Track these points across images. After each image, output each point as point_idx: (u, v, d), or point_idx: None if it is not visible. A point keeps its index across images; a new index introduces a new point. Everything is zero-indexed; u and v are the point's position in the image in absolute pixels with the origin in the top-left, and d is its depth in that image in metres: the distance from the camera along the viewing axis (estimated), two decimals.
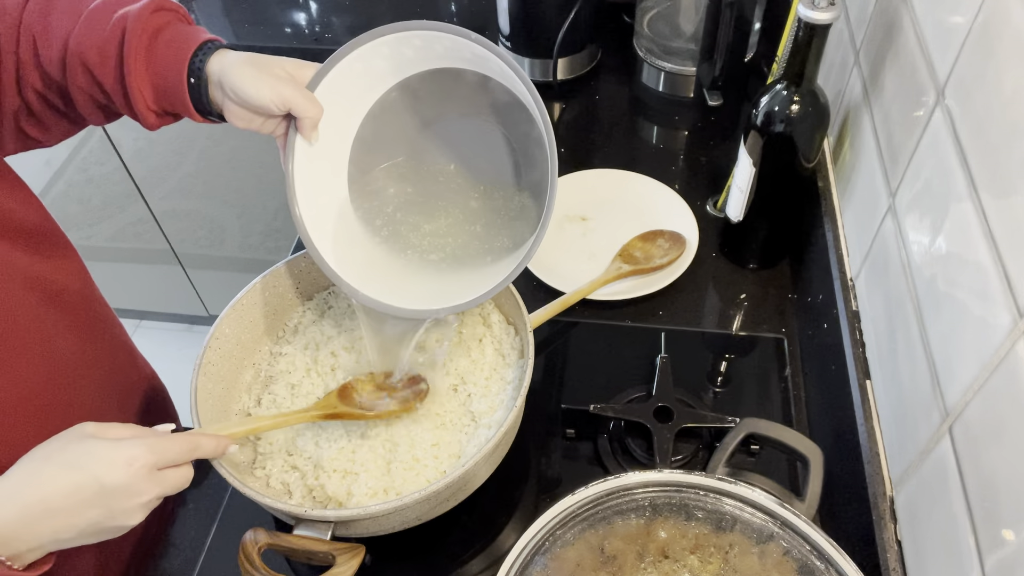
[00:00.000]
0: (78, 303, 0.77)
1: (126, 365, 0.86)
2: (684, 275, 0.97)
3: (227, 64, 0.67)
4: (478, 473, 0.72)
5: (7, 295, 0.67)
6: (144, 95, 0.68)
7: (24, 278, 0.70)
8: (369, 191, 0.79)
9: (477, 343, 0.82)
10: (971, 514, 0.52)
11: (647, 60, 1.24)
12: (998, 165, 0.53)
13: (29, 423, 0.68)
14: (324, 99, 0.70)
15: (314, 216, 0.75)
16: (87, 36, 0.67)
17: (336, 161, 0.77)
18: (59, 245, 0.77)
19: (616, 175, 1.10)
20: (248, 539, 0.65)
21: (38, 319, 0.71)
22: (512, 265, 0.70)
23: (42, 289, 0.72)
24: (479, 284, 0.72)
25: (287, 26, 1.44)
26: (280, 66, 0.69)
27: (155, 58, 0.68)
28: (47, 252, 0.74)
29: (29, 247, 0.71)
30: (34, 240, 0.72)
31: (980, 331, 0.53)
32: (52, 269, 0.74)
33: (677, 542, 0.62)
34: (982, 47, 0.56)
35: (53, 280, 0.73)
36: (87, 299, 0.80)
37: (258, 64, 0.68)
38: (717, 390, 0.88)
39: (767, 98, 0.84)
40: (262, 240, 1.85)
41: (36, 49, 0.68)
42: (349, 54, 0.69)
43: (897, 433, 0.67)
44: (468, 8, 1.46)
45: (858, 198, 0.84)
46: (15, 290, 0.68)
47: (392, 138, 0.78)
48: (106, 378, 0.80)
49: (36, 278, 0.71)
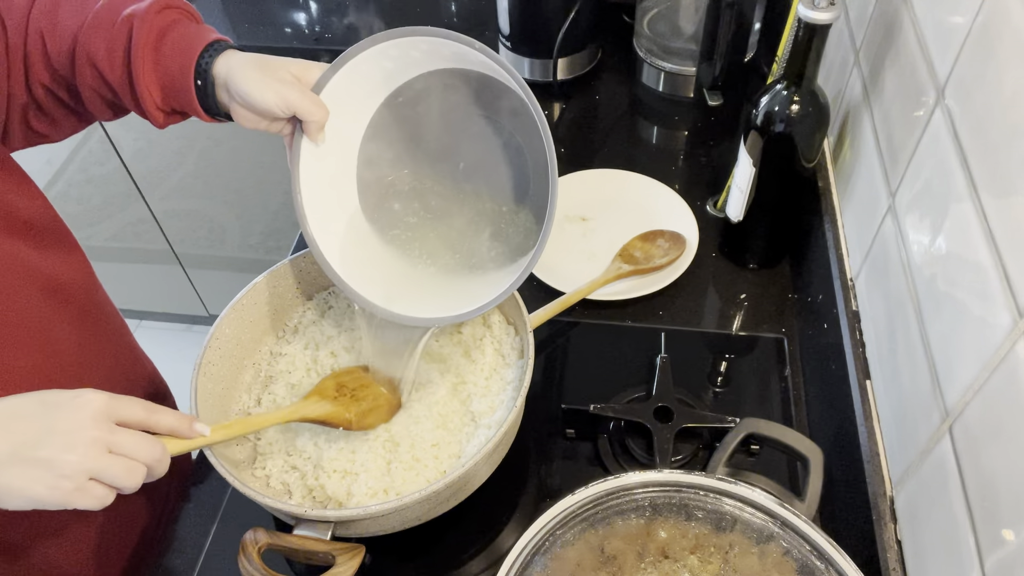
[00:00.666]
0: (82, 298, 0.77)
1: (129, 361, 0.86)
2: (684, 275, 0.97)
3: (233, 66, 0.67)
4: (478, 473, 0.72)
5: (11, 288, 0.67)
6: (152, 95, 0.69)
7: (28, 272, 0.70)
8: (376, 194, 0.79)
9: (477, 343, 0.82)
10: (971, 514, 0.52)
11: (647, 60, 1.24)
12: (998, 165, 0.53)
13: None
14: (331, 101, 0.70)
15: (320, 217, 0.75)
16: (95, 35, 0.67)
17: (343, 162, 0.77)
18: (64, 241, 0.77)
19: (616, 175, 1.10)
20: (248, 539, 0.65)
21: (41, 313, 0.70)
22: (515, 274, 0.70)
23: (46, 283, 0.71)
24: (482, 292, 0.72)
25: (287, 26, 1.45)
26: (286, 68, 0.69)
27: (162, 59, 0.68)
28: (52, 247, 0.74)
29: (34, 242, 0.71)
30: (39, 235, 0.72)
31: (980, 331, 0.53)
32: (56, 264, 0.74)
33: (677, 542, 0.62)
34: (982, 47, 0.56)
35: (57, 275, 0.73)
36: (90, 294, 0.79)
37: (263, 67, 0.68)
38: (717, 390, 0.88)
39: (767, 98, 0.84)
40: (262, 240, 1.85)
41: (44, 45, 0.68)
42: (356, 56, 0.69)
43: (897, 433, 0.67)
44: (468, 8, 1.46)
45: (858, 198, 0.84)
46: (19, 283, 0.68)
47: (399, 142, 0.78)
48: (108, 373, 0.80)
49: (40, 272, 0.71)
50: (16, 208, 0.70)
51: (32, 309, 0.69)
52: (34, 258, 0.71)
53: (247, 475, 0.75)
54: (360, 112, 0.75)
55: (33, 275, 0.70)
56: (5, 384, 0.66)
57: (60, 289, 0.73)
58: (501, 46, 1.28)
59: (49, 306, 0.71)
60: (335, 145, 0.74)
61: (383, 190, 0.79)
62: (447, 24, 1.43)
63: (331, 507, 0.71)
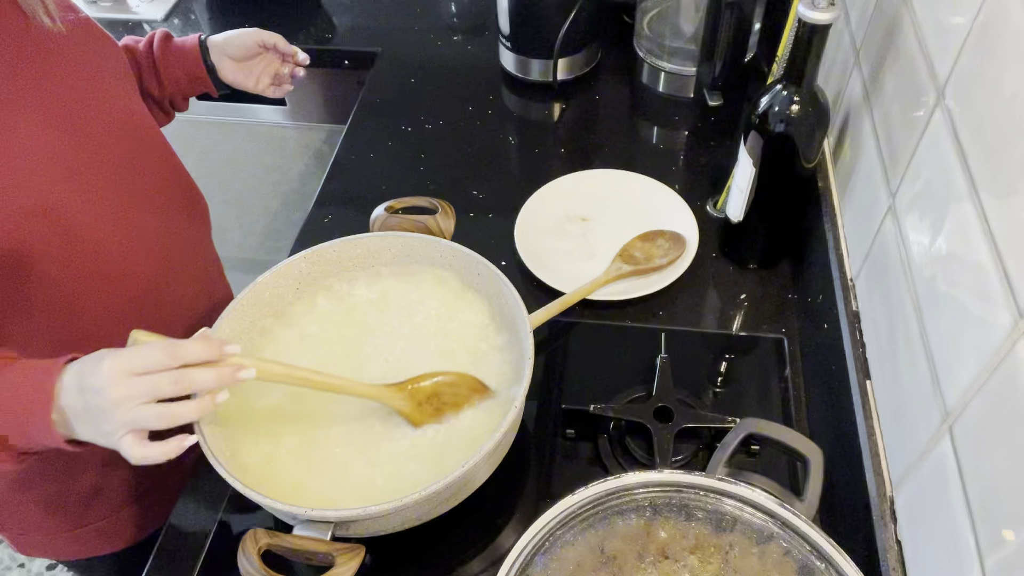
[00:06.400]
0: (199, 226, 0.94)
1: (219, 281, 1.01)
2: (684, 275, 0.97)
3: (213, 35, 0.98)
4: (478, 473, 0.72)
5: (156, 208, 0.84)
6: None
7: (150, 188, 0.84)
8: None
9: (477, 343, 0.82)
10: (971, 514, 0.52)
11: (647, 60, 1.24)
12: (998, 165, 0.53)
13: (142, 314, 0.80)
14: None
15: None
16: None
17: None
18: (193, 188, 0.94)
19: (616, 175, 1.10)
20: (248, 539, 0.65)
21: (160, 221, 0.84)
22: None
23: (168, 200, 0.87)
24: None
25: (287, 26, 1.44)
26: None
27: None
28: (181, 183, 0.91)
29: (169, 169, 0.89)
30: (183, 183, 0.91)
31: (980, 331, 0.53)
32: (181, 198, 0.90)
33: (677, 542, 0.62)
34: (982, 47, 0.56)
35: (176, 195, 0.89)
36: (204, 226, 0.96)
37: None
38: (717, 390, 0.88)
39: (767, 98, 0.84)
40: (262, 240, 1.85)
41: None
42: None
43: (897, 433, 0.67)
44: (468, 8, 1.46)
45: (858, 198, 0.84)
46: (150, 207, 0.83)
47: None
48: (201, 291, 0.94)
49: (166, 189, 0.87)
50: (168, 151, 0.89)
51: (151, 219, 0.83)
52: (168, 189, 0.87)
53: (247, 475, 0.75)
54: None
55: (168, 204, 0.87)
56: (129, 289, 0.80)
57: (181, 209, 0.89)
58: (501, 46, 1.28)
59: (170, 218, 0.87)
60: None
61: None
62: (448, 24, 1.43)
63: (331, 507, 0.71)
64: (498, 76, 1.31)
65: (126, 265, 0.79)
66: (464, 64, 1.35)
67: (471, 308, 0.85)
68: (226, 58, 0.96)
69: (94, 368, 0.60)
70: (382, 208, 0.89)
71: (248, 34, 0.96)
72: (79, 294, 0.76)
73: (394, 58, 1.36)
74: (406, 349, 0.82)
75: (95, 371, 0.60)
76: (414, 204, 0.90)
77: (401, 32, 1.41)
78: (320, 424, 0.77)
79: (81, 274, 0.75)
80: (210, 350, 0.63)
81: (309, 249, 0.85)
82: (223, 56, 0.96)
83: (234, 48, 0.96)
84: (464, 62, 1.35)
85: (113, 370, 0.59)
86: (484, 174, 1.15)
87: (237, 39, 0.96)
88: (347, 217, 1.10)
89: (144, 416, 0.61)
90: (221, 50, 0.96)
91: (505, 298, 0.81)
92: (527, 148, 1.21)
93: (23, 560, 1.85)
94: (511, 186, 1.12)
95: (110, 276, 0.78)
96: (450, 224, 0.88)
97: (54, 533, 0.90)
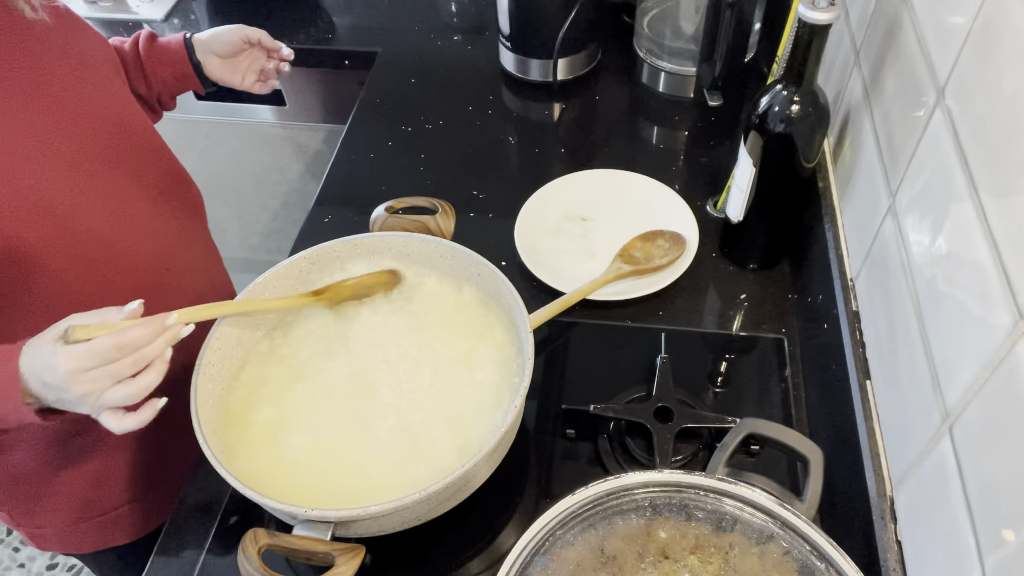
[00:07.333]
0: (193, 212, 0.96)
1: (218, 269, 1.04)
2: (684, 275, 0.97)
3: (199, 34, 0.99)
4: (478, 473, 0.72)
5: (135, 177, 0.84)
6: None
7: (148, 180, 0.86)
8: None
9: (477, 343, 0.82)
10: (971, 514, 0.52)
11: (647, 60, 1.24)
12: (998, 165, 0.53)
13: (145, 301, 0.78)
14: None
15: None
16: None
17: None
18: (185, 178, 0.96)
19: (616, 175, 1.10)
20: (248, 539, 0.65)
21: (156, 209, 0.86)
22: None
23: (166, 187, 0.89)
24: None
25: (287, 26, 1.44)
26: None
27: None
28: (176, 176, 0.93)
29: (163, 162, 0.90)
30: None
31: (980, 331, 0.53)
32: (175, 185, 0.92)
33: (677, 542, 0.62)
34: (982, 47, 0.56)
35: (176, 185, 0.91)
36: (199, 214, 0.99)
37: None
38: (717, 390, 0.88)
39: (767, 98, 0.84)
40: (262, 240, 1.85)
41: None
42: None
43: (897, 433, 0.67)
44: (468, 8, 1.46)
45: (858, 198, 0.84)
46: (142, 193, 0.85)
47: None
48: (202, 277, 0.96)
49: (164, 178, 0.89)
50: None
51: (146, 205, 0.85)
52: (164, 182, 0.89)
53: (247, 475, 0.75)
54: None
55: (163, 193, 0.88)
56: (130, 275, 0.82)
57: (177, 199, 0.91)
58: (501, 46, 1.28)
59: (164, 205, 0.88)
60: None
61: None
62: (448, 24, 1.43)
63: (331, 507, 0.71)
64: (498, 76, 1.31)
65: (124, 251, 0.81)
66: (464, 64, 1.35)
67: (471, 308, 0.85)
68: (211, 55, 0.97)
69: (51, 368, 0.62)
70: (382, 208, 0.89)
71: (233, 30, 0.97)
72: (82, 282, 0.77)
73: (394, 58, 1.36)
74: (406, 348, 0.82)
75: (53, 371, 0.61)
76: (414, 204, 0.90)
77: (401, 32, 1.41)
78: (320, 424, 0.77)
79: (82, 262, 0.76)
80: (154, 330, 0.65)
81: (309, 249, 0.85)
82: (208, 53, 0.97)
83: (219, 45, 0.97)
84: (464, 62, 1.35)
85: (70, 371, 0.61)
86: (484, 174, 1.15)
87: (222, 36, 0.97)
88: (347, 217, 1.10)
89: (113, 399, 0.63)
90: (206, 47, 0.97)
91: (505, 298, 0.81)
92: (527, 148, 1.21)
93: (23, 560, 1.85)
94: (511, 186, 1.12)
95: (109, 262, 0.79)
96: (450, 224, 0.88)
97: (70, 525, 0.91)
